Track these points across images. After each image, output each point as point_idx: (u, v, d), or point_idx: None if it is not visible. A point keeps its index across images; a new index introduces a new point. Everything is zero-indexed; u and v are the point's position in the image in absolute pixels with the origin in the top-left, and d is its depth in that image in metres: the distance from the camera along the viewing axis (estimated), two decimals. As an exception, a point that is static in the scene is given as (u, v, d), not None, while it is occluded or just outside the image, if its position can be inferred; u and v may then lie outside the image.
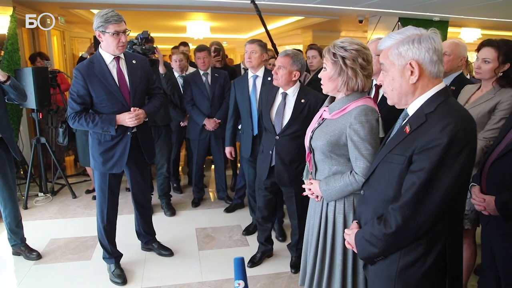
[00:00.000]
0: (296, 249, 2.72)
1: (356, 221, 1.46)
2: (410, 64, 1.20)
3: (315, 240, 1.80)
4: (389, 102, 1.33)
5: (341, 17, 6.63)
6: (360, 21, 6.56)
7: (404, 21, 6.00)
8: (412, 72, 1.21)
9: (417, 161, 1.16)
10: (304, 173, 1.88)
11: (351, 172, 1.67)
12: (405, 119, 1.32)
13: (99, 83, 2.34)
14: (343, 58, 1.62)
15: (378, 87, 2.30)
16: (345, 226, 1.70)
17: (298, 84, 2.47)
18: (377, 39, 2.28)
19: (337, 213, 1.73)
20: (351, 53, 1.61)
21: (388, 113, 2.19)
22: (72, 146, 4.58)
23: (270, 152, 2.51)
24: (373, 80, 2.37)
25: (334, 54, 1.64)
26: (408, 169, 1.19)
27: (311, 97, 2.45)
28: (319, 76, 1.73)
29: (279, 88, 2.50)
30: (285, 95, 2.47)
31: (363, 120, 1.60)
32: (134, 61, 2.49)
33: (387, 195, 1.26)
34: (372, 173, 1.37)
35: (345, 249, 1.70)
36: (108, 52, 2.36)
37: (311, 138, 1.76)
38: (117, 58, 2.41)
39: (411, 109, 1.27)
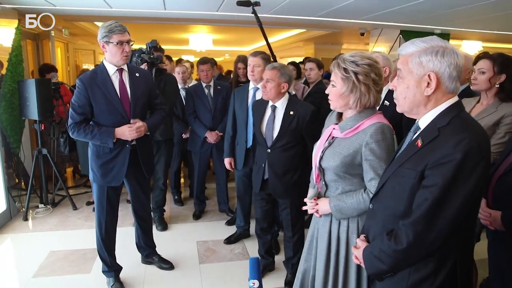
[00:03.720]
0: (291, 264, 2.65)
1: (364, 235, 1.41)
2: (429, 75, 1.16)
3: (323, 262, 1.70)
4: (399, 110, 1.29)
5: (343, 30, 6.69)
6: (362, 34, 6.61)
7: (406, 34, 6.04)
8: (428, 84, 1.17)
9: (430, 176, 1.13)
10: (311, 194, 1.77)
11: (365, 190, 1.61)
12: (416, 133, 1.28)
13: (100, 94, 2.34)
14: (356, 73, 1.53)
15: None
16: None
17: (287, 96, 2.47)
18: (373, 52, 2.30)
19: (351, 233, 1.64)
20: (363, 68, 1.53)
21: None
22: (73, 156, 4.58)
23: (263, 165, 2.50)
24: None
25: (345, 70, 1.54)
26: (420, 184, 1.15)
27: (300, 109, 2.44)
28: (326, 92, 1.66)
29: (269, 101, 2.50)
30: (274, 108, 2.47)
31: (379, 139, 1.53)
32: (137, 74, 2.49)
33: (397, 210, 1.22)
34: (381, 187, 1.32)
35: (359, 271, 1.63)
36: (111, 63, 2.37)
37: (321, 158, 1.67)
38: (120, 70, 2.41)
39: (423, 122, 1.24)
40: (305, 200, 1.78)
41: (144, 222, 2.83)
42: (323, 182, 1.72)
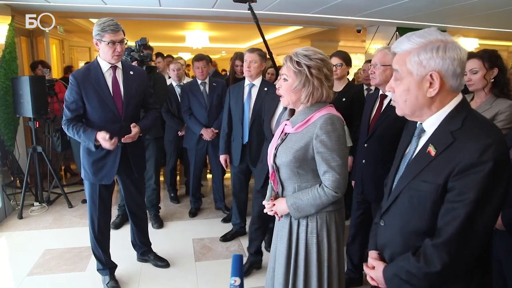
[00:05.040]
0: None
1: (377, 252, 1.30)
2: (431, 75, 1.05)
3: (283, 265, 1.65)
4: (399, 113, 1.18)
5: (339, 27, 6.67)
6: (358, 31, 6.61)
7: (402, 31, 6.04)
8: (431, 84, 1.06)
9: (457, 190, 1.01)
10: (267, 194, 1.73)
11: (320, 185, 1.57)
12: (420, 137, 1.18)
13: (93, 91, 2.31)
14: (309, 67, 1.51)
15: (383, 97, 2.27)
16: (318, 247, 1.59)
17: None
18: (385, 48, 2.24)
19: (310, 233, 1.60)
20: (316, 62, 1.51)
21: (392, 124, 2.15)
22: (67, 154, 4.54)
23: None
24: (379, 90, 2.34)
25: (298, 63, 1.52)
26: (443, 197, 1.04)
27: None
28: (277, 86, 1.62)
29: (279, 98, 2.48)
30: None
31: (329, 130, 1.49)
32: (131, 72, 2.47)
33: (419, 227, 1.12)
34: (393, 202, 1.21)
35: (320, 272, 1.59)
36: (105, 60, 2.35)
37: (275, 155, 1.63)
38: (114, 67, 2.38)
39: (429, 126, 1.14)
40: (263, 202, 1.73)
41: (139, 220, 2.81)
42: (279, 181, 1.67)
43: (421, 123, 1.17)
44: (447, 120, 1.09)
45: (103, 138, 2.25)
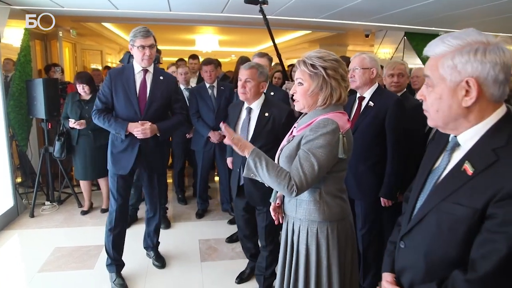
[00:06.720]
0: (263, 278, 2.58)
1: (393, 275, 1.21)
2: (467, 82, 0.92)
3: (280, 265, 1.67)
4: (431, 124, 1.05)
5: (347, 31, 6.70)
6: (367, 35, 6.62)
7: (410, 36, 6.05)
8: (467, 92, 0.93)
9: (499, 218, 0.87)
10: (272, 195, 1.69)
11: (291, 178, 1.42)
12: (453, 151, 1.04)
13: (121, 88, 2.51)
14: (325, 68, 1.45)
15: (361, 99, 2.35)
16: (307, 258, 1.55)
17: (263, 96, 2.39)
18: (362, 53, 2.35)
19: (301, 242, 1.57)
20: (331, 63, 1.46)
21: (372, 121, 2.25)
22: (69, 158, 4.58)
23: (238, 170, 2.43)
24: (356, 93, 2.41)
25: (313, 66, 1.46)
26: (480, 224, 0.91)
27: (275, 110, 2.33)
28: (290, 92, 1.55)
29: (243, 103, 2.44)
30: (249, 110, 2.39)
31: (317, 133, 1.41)
32: (161, 78, 2.62)
33: (447, 255, 0.98)
34: (417, 224, 1.07)
35: (306, 282, 1.55)
36: (137, 63, 2.53)
37: (279, 157, 1.59)
38: (145, 71, 2.55)
39: (465, 140, 1.00)
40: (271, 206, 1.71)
41: (151, 217, 2.94)
42: None
43: (455, 136, 1.04)
44: (488, 135, 0.95)
45: (135, 126, 2.47)
